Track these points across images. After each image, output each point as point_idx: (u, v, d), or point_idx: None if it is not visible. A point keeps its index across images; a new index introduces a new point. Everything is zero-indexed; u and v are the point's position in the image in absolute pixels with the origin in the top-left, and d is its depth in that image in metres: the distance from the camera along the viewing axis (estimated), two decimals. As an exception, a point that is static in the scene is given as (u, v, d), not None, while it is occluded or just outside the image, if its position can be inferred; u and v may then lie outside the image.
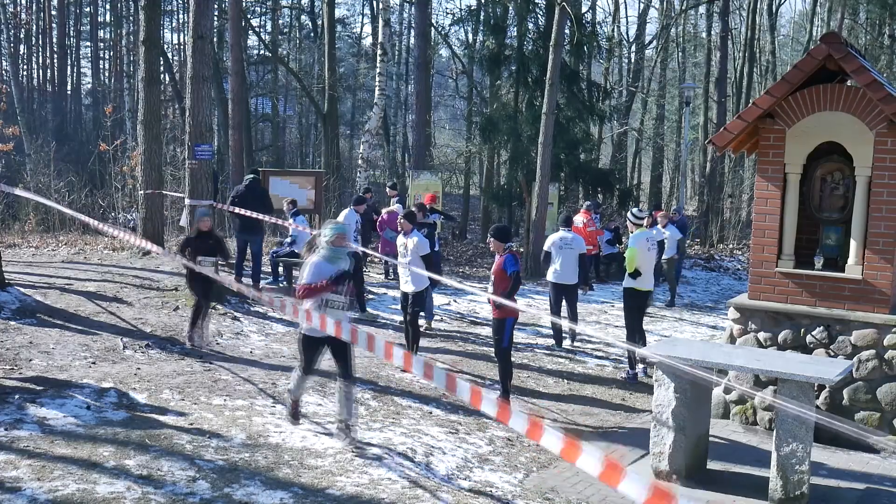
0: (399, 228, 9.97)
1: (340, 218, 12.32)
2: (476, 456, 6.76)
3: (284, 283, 13.45)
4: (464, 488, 6.02)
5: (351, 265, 6.65)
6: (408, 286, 9.57)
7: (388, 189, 15.92)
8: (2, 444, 5.75)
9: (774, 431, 6.14)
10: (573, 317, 11.18)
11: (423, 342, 10.65)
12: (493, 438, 7.24)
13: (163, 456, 5.78)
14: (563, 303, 11.08)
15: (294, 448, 6.27)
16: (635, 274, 9.69)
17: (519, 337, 11.33)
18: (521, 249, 16.66)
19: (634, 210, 10.55)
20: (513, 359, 10.13)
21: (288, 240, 13.73)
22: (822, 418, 4.39)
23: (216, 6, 26.22)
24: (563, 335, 11.21)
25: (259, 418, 6.85)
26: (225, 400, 7.27)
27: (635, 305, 9.94)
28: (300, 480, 5.67)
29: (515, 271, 8.13)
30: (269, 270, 13.68)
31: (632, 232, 10.12)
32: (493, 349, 10.64)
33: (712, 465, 6.86)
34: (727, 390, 8.15)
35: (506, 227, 8.79)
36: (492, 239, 8.33)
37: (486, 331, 11.52)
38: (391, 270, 14.63)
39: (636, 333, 9.91)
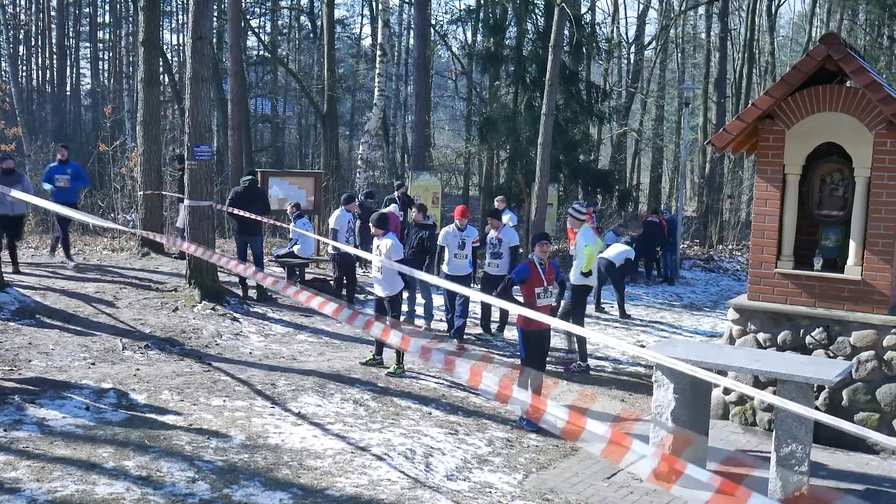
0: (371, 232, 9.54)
1: (332, 220, 12.24)
2: (475, 457, 6.76)
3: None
4: (463, 489, 6.01)
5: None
6: (380, 290, 9.18)
7: (396, 188, 16.10)
8: (1, 444, 5.75)
9: (774, 432, 6.15)
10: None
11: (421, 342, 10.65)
12: (492, 439, 7.24)
13: (162, 457, 5.77)
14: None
15: (293, 449, 6.27)
16: (589, 273, 9.87)
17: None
18: (521, 250, 16.65)
19: (576, 205, 10.65)
20: (512, 360, 10.15)
21: (290, 242, 13.74)
22: (822, 417, 4.37)
23: (216, 7, 26.22)
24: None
25: (258, 419, 6.85)
26: (224, 401, 7.26)
27: (583, 301, 10.22)
28: (300, 481, 5.66)
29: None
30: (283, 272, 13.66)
31: (576, 228, 10.11)
32: (489, 350, 10.68)
33: (711, 466, 6.86)
34: (726, 391, 8.15)
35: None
36: (547, 244, 8.16)
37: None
38: None
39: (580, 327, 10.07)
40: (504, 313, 11.37)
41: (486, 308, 11.40)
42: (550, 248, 8.13)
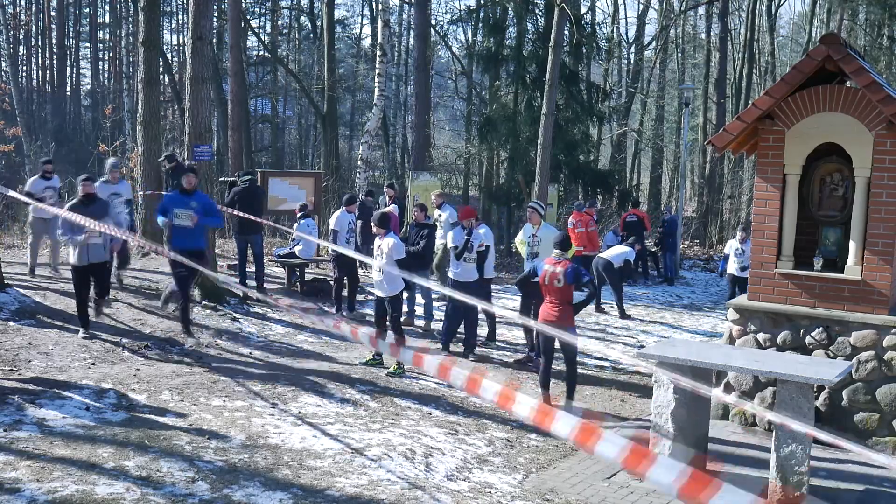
0: (374, 231, 9.42)
1: (332, 221, 12.21)
2: (475, 457, 6.76)
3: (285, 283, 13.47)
4: (463, 489, 6.01)
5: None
6: (381, 290, 9.14)
7: (385, 188, 15.88)
8: (1, 444, 5.75)
9: (774, 432, 6.15)
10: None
11: (420, 343, 10.66)
12: (492, 439, 7.24)
13: (162, 457, 5.77)
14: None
15: (293, 449, 6.27)
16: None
17: (519, 338, 11.33)
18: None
19: (540, 202, 10.93)
20: (514, 361, 10.15)
21: (291, 243, 13.76)
22: (816, 431, 4.39)
23: (216, 7, 26.21)
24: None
25: (258, 419, 6.85)
26: (224, 401, 7.26)
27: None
28: (300, 481, 5.66)
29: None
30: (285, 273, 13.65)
31: (538, 224, 10.06)
32: (486, 350, 10.68)
33: (712, 466, 6.86)
34: (727, 391, 8.15)
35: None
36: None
37: (484, 331, 11.51)
38: None
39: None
40: (493, 318, 11.20)
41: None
42: None
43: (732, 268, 13.47)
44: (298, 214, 13.53)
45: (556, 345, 8.35)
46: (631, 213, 18.07)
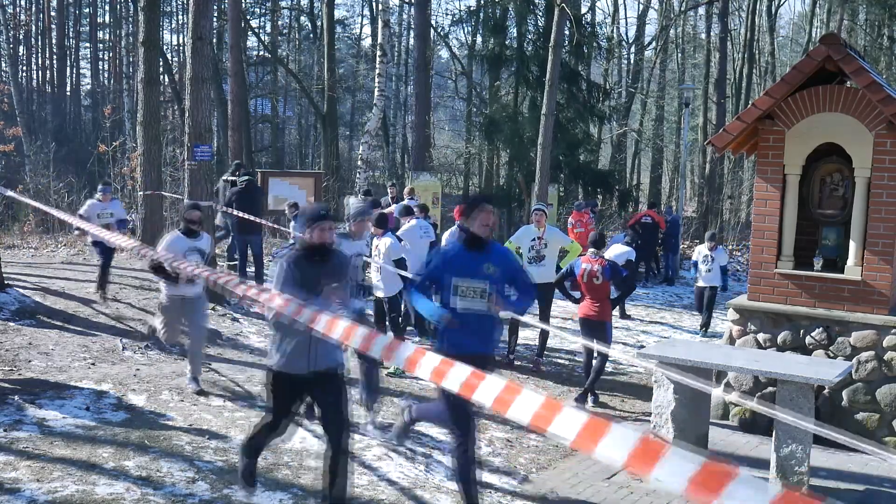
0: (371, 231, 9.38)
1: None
2: (475, 457, 6.75)
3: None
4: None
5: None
6: (380, 290, 9.12)
7: (389, 187, 15.96)
8: (1, 444, 5.75)
9: (773, 433, 6.15)
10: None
11: (419, 340, 10.65)
12: (492, 440, 7.24)
13: (162, 457, 5.77)
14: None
15: (293, 449, 6.27)
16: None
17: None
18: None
19: (543, 203, 10.80)
20: (516, 362, 10.10)
21: (289, 242, 13.76)
22: (817, 429, 4.40)
23: (216, 7, 26.20)
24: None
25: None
26: (224, 401, 7.26)
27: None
28: (299, 482, 5.66)
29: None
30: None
31: (543, 227, 9.86)
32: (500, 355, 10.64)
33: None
34: (727, 391, 8.15)
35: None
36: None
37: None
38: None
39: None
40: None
41: None
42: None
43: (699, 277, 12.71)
44: (293, 213, 13.47)
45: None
46: (646, 215, 18.04)
